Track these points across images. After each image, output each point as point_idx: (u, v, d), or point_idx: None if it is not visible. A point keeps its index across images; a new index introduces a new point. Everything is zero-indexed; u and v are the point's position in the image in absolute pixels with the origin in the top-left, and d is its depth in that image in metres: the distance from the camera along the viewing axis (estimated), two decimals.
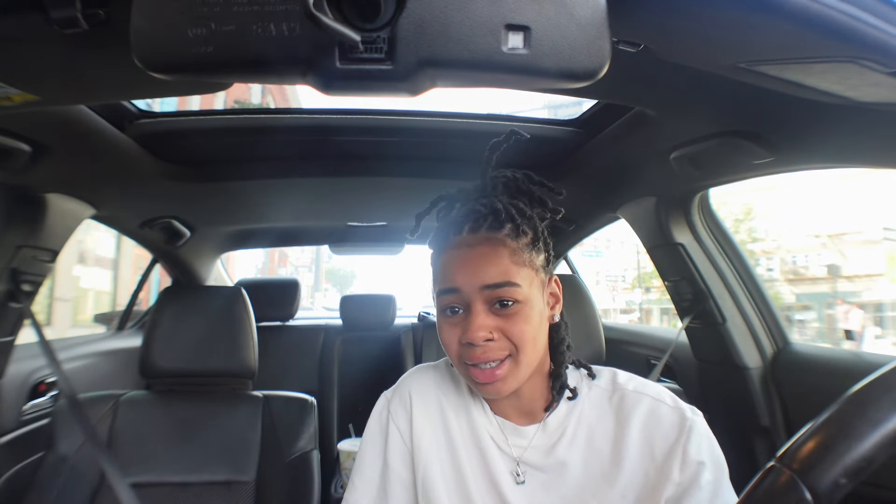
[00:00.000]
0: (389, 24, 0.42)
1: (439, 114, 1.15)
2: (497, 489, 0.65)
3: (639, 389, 0.66)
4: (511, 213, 0.63)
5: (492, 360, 0.61)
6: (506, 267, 0.61)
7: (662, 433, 0.61)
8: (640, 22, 0.53)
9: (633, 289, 19.21)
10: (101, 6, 0.53)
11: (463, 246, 0.63)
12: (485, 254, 0.62)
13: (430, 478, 0.67)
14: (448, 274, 0.63)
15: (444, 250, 0.65)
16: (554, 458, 0.65)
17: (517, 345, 0.61)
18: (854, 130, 0.74)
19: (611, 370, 0.71)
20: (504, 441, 0.67)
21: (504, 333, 0.61)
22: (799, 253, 15.27)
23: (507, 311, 0.61)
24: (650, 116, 0.95)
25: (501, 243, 0.62)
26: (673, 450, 0.60)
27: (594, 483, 0.63)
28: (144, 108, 1.10)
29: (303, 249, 15.89)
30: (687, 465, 0.59)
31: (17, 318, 1.17)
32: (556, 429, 0.66)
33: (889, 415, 0.33)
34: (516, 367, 0.62)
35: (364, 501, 0.69)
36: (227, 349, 1.20)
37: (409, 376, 0.75)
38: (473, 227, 0.64)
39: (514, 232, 0.63)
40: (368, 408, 0.76)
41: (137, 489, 1.02)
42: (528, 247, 0.64)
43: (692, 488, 0.58)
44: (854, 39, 0.47)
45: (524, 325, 0.61)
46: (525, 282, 0.62)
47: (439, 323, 0.66)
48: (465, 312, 0.63)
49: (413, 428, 0.70)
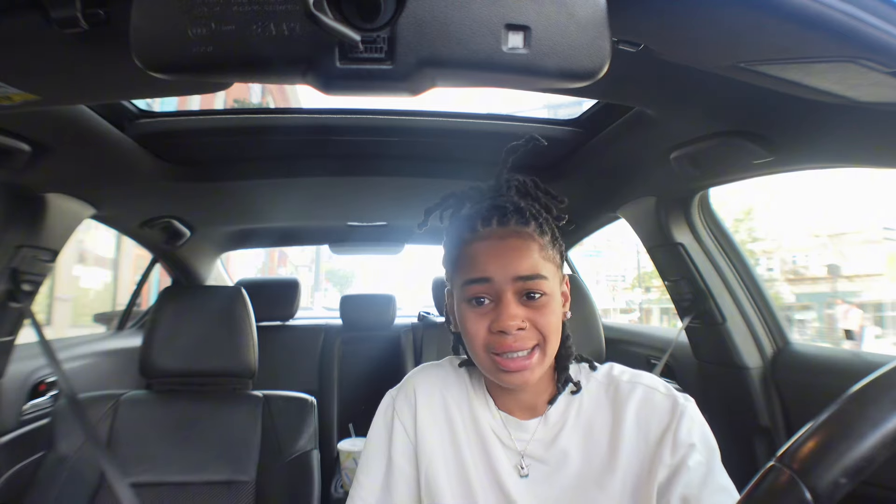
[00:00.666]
0: (389, 23, 0.42)
1: (439, 113, 1.14)
2: (500, 483, 0.66)
3: (633, 379, 0.68)
4: (533, 212, 0.66)
5: (522, 349, 0.62)
6: (536, 260, 0.63)
7: (656, 419, 0.63)
8: (640, 22, 0.53)
9: (633, 289, 19.20)
10: (101, 6, 0.53)
11: (493, 237, 0.64)
12: (517, 246, 0.63)
13: (433, 472, 0.68)
14: (479, 264, 0.64)
15: (471, 241, 0.66)
16: (555, 449, 0.66)
17: (545, 335, 0.63)
18: (854, 130, 0.74)
19: (609, 364, 0.73)
20: (507, 436, 0.68)
21: (533, 324, 0.63)
22: (799, 253, 15.26)
23: (535, 303, 0.63)
24: (650, 116, 0.95)
25: (531, 237, 0.64)
26: (665, 434, 0.62)
27: (595, 472, 0.64)
28: (144, 108, 1.09)
29: (303, 249, 15.86)
30: (677, 447, 0.61)
31: (17, 318, 1.17)
32: (556, 422, 0.68)
33: (889, 414, 0.33)
34: (543, 358, 0.63)
35: (370, 499, 0.70)
36: (227, 349, 1.20)
37: (413, 374, 0.77)
38: (502, 221, 0.65)
39: (538, 229, 0.65)
40: (368, 407, 0.76)
41: (137, 489, 1.02)
42: (550, 244, 0.66)
43: (681, 469, 0.59)
44: (854, 39, 0.47)
45: (551, 317, 0.63)
46: (551, 276, 0.64)
47: (464, 313, 0.65)
48: (493, 303, 0.63)
49: (417, 423, 0.71)
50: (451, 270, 0.69)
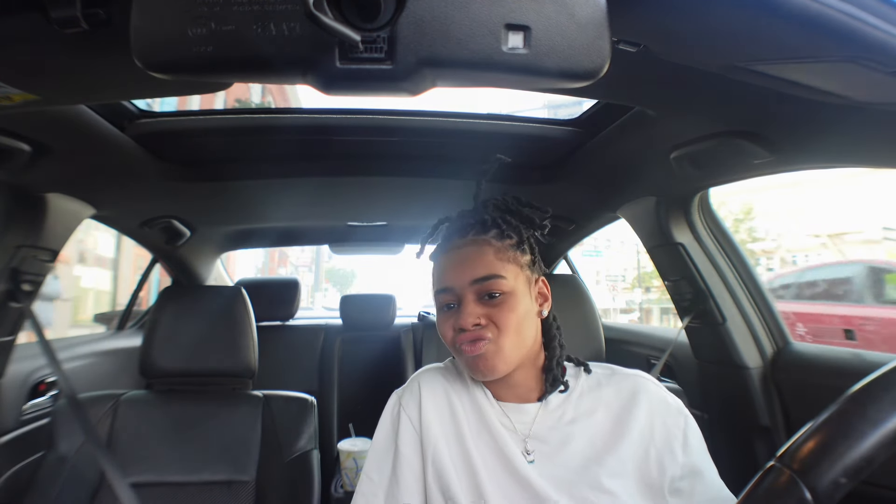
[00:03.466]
0: (389, 23, 0.42)
1: (439, 113, 1.14)
2: (508, 465, 0.69)
3: (638, 373, 0.76)
4: (497, 221, 0.72)
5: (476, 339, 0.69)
6: (490, 262, 0.69)
7: (670, 415, 0.70)
8: (640, 22, 0.53)
9: (633, 289, 19.19)
10: (101, 6, 0.53)
11: (453, 249, 0.73)
12: (471, 253, 0.70)
13: (439, 460, 0.71)
14: (442, 275, 0.72)
15: (438, 256, 0.75)
16: (558, 430, 0.71)
17: (500, 329, 0.68)
18: (854, 130, 0.74)
19: (607, 364, 0.80)
20: (509, 421, 0.73)
21: (491, 320, 0.68)
22: (799, 253, 15.25)
23: (494, 302, 0.69)
24: (650, 116, 0.95)
25: (486, 243, 0.71)
26: (674, 430, 0.69)
27: (597, 452, 0.68)
28: (144, 108, 1.09)
29: (303, 249, 15.89)
30: (689, 448, 0.69)
31: (17, 318, 1.17)
32: (558, 405, 0.73)
33: (889, 414, 0.33)
34: (497, 349, 0.68)
35: (379, 492, 0.73)
36: (227, 349, 1.20)
37: (418, 374, 0.81)
38: (462, 234, 0.73)
39: (499, 235, 0.72)
40: (368, 407, 0.77)
41: (137, 489, 1.02)
42: (512, 247, 0.72)
43: (697, 474, 0.67)
44: (854, 39, 0.47)
45: (509, 314, 0.68)
46: (510, 275, 0.69)
47: (438, 319, 0.73)
48: (458, 306, 0.71)
49: (422, 416, 0.74)
50: (431, 284, 0.76)
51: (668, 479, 0.66)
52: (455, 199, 1.43)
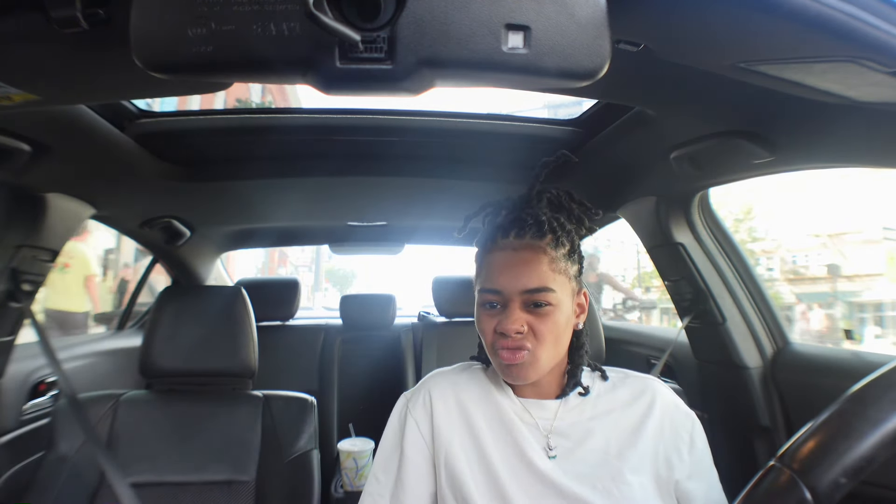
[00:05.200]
0: (389, 23, 0.42)
1: (439, 113, 1.14)
2: (528, 462, 0.69)
3: (652, 377, 0.78)
4: (553, 225, 0.71)
5: (516, 347, 0.69)
6: (544, 273, 0.68)
7: (680, 417, 0.73)
8: (640, 22, 0.53)
9: (632, 288, 19.19)
10: (101, 6, 0.53)
11: (508, 249, 0.70)
12: (527, 259, 0.69)
13: (452, 464, 0.70)
14: (492, 275, 0.70)
15: (489, 251, 0.72)
16: (579, 425, 0.72)
17: (539, 339, 0.68)
18: (854, 130, 0.74)
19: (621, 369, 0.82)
20: (529, 416, 0.73)
21: (532, 328, 0.69)
22: (799, 253, 15.25)
23: (539, 311, 0.68)
24: (650, 116, 0.95)
25: (542, 251, 0.69)
26: (681, 432, 0.71)
27: (616, 449, 0.69)
28: (144, 107, 1.09)
29: (303, 249, 15.85)
30: (695, 450, 0.71)
31: (17, 317, 1.17)
32: (577, 403, 0.74)
33: (889, 414, 0.33)
34: (535, 360, 0.69)
35: (386, 493, 0.73)
36: (227, 349, 1.20)
37: (427, 378, 0.81)
38: (519, 234, 0.70)
39: (554, 242, 0.70)
40: (369, 407, 0.77)
41: (137, 489, 1.01)
42: (565, 257, 0.71)
43: (701, 476, 0.70)
44: (854, 39, 0.47)
45: (551, 325, 0.69)
46: (559, 287, 0.69)
47: (478, 313, 0.73)
48: (502, 307, 0.70)
49: (434, 422, 0.74)
50: (475, 272, 0.75)
51: (675, 479, 0.68)
52: (455, 199, 1.43)
